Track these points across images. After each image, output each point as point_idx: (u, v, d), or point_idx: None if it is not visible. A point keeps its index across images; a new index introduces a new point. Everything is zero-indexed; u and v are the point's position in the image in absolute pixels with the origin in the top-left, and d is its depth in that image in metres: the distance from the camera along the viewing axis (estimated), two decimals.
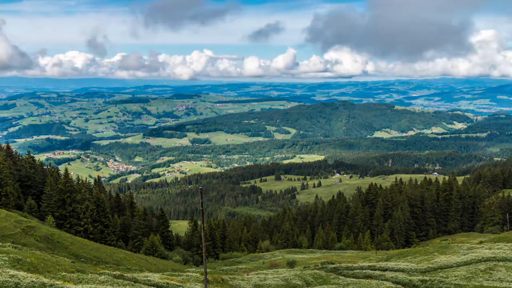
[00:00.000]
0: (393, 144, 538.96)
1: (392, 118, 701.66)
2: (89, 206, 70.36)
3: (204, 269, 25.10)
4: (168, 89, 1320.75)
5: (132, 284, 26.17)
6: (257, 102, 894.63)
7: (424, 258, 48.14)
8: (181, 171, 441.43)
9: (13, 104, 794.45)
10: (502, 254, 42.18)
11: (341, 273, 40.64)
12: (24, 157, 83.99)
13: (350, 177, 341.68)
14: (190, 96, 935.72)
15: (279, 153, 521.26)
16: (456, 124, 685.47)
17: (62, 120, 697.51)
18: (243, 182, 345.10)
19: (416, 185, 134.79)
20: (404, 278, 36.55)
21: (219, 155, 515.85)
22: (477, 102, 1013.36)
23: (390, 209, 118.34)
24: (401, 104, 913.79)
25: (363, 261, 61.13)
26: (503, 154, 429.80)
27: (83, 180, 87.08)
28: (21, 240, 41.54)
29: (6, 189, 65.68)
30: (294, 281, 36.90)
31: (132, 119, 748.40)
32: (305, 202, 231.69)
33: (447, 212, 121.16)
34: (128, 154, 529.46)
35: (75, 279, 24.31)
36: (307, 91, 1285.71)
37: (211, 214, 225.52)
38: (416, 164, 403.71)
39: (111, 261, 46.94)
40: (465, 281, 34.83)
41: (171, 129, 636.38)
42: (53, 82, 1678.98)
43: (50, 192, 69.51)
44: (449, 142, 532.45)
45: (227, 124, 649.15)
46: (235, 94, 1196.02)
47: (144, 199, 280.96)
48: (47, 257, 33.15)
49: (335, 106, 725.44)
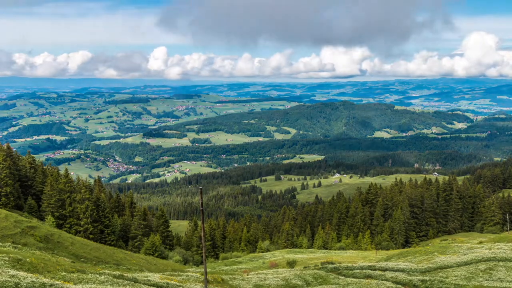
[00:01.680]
0: (393, 144, 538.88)
1: (392, 118, 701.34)
2: (89, 206, 70.35)
3: (204, 269, 25.10)
4: (168, 89, 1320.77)
5: (132, 284, 26.16)
6: (257, 102, 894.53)
7: (424, 258, 48.13)
8: (181, 171, 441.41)
9: (13, 104, 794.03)
10: (502, 254, 42.18)
11: (341, 273, 40.63)
12: (24, 157, 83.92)
13: (350, 177, 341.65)
14: (190, 96, 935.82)
15: (279, 153, 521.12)
16: (456, 124, 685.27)
17: (62, 120, 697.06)
18: (243, 182, 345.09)
19: (416, 185, 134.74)
20: (404, 278, 36.55)
21: (219, 155, 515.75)
22: (477, 102, 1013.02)
23: (390, 209, 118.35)
24: (401, 104, 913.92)
25: (363, 261, 61.13)
26: (503, 154, 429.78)
27: (83, 180, 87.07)
28: (21, 240, 41.54)
29: (6, 189, 65.69)
30: (294, 281, 36.89)
31: (132, 119, 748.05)
32: (305, 202, 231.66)
33: (447, 212, 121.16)
34: (128, 154, 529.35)
35: (75, 279, 24.30)
36: (307, 91, 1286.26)
37: (211, 214, 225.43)
38: (416, 164, 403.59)
39: (111, 261, 46.94)
40: (465, 281, 34.83)
41: (171, 129, 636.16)
42: (53, 82, 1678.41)
43: (50, 192, 69.51)
44: (449, 142, 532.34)
45: (227, 124, 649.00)
46: (235, 94, 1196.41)
47: (144, 199, 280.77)
48: (47, 257, 33.15)
49: (335, 106, 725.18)
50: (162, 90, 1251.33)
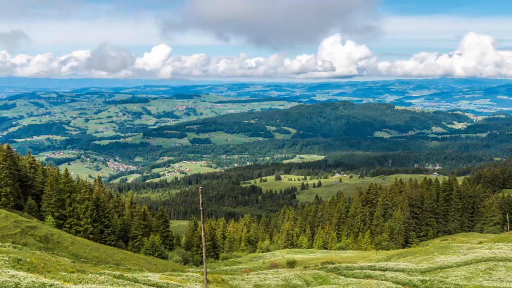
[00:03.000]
0: (393, 144, 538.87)
1: (392, 118, 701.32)
2: (89, 206, 70.34)
3: (204, 269, 25.10)
4: (168, 89, 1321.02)
5: (132, 284, 26.16)
6: (257, 102, 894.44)
7: (424, 258, 48.14)
8: (181, 171, 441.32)
9: (13, 104, 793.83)
10: (502, 254, 42.19)
11: (341, 273, 40.63)
12: (24, 157, 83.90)
13: (350, 177, 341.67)
14: (190, 96, 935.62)
15: (279, 153, 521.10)
16: (456, 124, 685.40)
17: (62, 120, 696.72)
18: (243, 182, 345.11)
19: (416, 185, 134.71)
20: (404, 278, 36.55)
21: (219, 155, 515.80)
22: (477, 102, 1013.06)
23: (390, 209, 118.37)
24: (401, 104, 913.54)
25: (363, 261, 61.14)
26: (503, 154, 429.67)
27: (83, 180, 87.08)
28: (21, 240, 41.54)
29: (6, 189, 65.70)
30: (294, 281, 36.90)
31: (132, 119, 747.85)
32: (305, 202, 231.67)
33: (447, 212, 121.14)
34: (128, 154, 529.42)
35: (75, 279, 24.30)
36: (307, 91, 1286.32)
37: (211, 214, 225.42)
38: (416, 164, 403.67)
39: (111, 261, 46.95)
40: (465, 281, 34.82)
41: (171, 129, 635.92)
42: (53, 82, 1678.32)
43: (50, 192, 69.48)
44: (449, 142, 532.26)
45: (227, 124, 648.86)
46: (235, 94, 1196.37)
47: (144, 199, 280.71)
48: (47, 257, 33.16)
49: (335, 106, 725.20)
50: (162, 90, 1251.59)
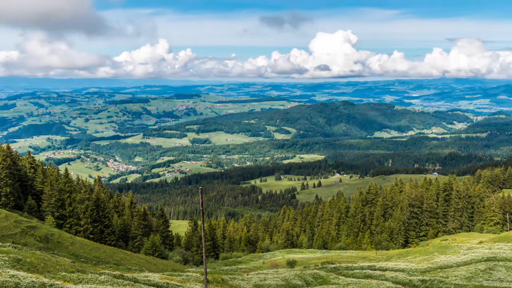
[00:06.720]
0: (393, 144, 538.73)
1: (392, 118, 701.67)
2: (89, 206, 70.33)
3: (204, 269, 25.09)
4: (168, 89, 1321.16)
5: (132, 284, 26.14)
6: (257, 102, 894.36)
7: (424, 258, 48.15)
8: (181, 171, 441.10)
9: (13, 104, 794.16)
10: (502, 254, 42.20)
11: (341, 273, 40.63)
12: (24, 157, 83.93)
13: (350, 177, 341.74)
14: (190, 96, 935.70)
15: (279, 153, 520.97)
16: (456, 124, 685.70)
17: (62, 120, 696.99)
18: (243, 182, 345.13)
19: (416, 185, 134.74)
20: (404, 278, 36.55)
21: (219, 155, 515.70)
22: (477, 102, 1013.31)
23: (390, 209, 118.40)
24: (401, 104, 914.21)
25: (363, 261, 61.13)
26: (503, 154, 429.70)
27: (83, 180, 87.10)
28: (21, 240, 41.54)
29: (6, 189, 65.70)
30: (294, 281, 36.88)
31: (132, 119, 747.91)
32: (305, 202, 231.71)
33: (447, 212, 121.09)
34: (128, 154, 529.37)
35: (75, 279, 24.30)
36: (307, 91, 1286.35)
37: (211, 214, 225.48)
38: (416, 164, 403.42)
39: (111, 261, 46.95)
40: (465, 281, 34.82)
41: (171, 129, 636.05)
42: (53, 82, 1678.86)
43: (50, 192, 69.48)
44: (449, 142, 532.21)
45: (227, 124, 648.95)
46: (235, 94, 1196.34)
47: (144, 199, 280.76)
48: (47, 257, 33.17)
49: (335, 106, 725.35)
50: (162, 90, 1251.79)
